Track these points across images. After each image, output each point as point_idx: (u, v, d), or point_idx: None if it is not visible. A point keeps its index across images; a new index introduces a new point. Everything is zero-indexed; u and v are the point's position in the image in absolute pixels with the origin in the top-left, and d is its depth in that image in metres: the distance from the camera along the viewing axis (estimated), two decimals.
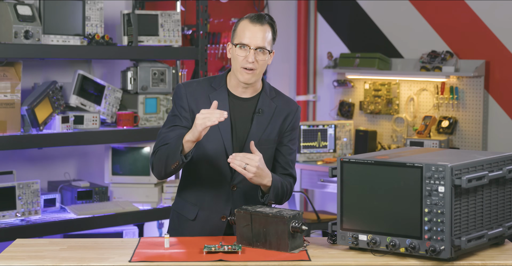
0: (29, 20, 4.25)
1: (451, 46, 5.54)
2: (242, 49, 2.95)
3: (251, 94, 3.05)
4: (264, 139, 3.02)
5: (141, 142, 4.81)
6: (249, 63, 2.93)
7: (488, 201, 2.77)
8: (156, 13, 4.85)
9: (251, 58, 2.93)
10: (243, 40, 2.95)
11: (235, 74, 2.99)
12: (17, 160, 4.70)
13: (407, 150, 3.01)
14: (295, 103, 3.14)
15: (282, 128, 3.07)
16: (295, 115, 3.11)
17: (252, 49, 2.94)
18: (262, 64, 2.97)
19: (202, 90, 3.04)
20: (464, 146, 5.41)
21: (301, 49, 6.34)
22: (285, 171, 3.11)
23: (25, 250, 2.81)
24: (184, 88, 3.04)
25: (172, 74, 4.95)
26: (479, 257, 2.69)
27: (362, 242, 2.73)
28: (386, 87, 5.82)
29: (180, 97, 3.04)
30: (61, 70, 4.88)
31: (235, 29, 3.01)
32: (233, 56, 2.98)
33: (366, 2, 6.02)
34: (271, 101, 3.06)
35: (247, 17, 2.99)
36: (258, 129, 3.02)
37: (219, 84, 3.05)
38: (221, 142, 2.98)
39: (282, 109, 3.08)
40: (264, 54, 2.97)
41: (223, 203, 3.03)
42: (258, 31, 2.96)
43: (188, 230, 3.07)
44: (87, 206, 4.56)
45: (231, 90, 3.05)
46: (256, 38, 2.95)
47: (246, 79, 2.96)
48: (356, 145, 5.82)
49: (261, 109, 3.03)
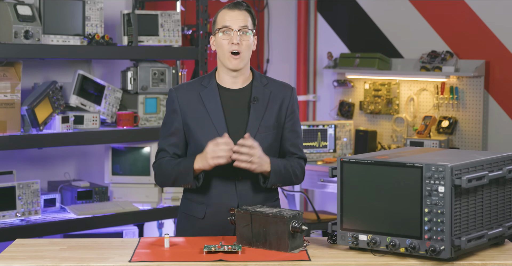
0: (29, 20, 4.25)
1: (451, 46, 5.54)
2: (225, 34, 3.00)
3: (243, 85, 3.08)
4: (263, 126, 3.04)
5: (141, 142, 4.81)
6: (235, 45, 2.98)
7: (488, 201, 2.77)
8: (156, 13, 4.85)
9: (235, 40, 2.98)
10: (225, 23, 3.00)
11: (223, 62, 3.03)
12: (17, 160, 4.70)
13: (407, 150, 3.01)
14: (289, 86, 3.15)
15: (281, 113, 3.09)
16: (291, 97, 3.12)
17: (235, 31, 2.99)
18: (247, 47, 3.01)
19: (192, 90, 3.08)
20: (464, 146, 5.41)
21: (301, 49, 6.34)
22: (294, 155, 3.12)
23: (25, 250, 2.81)
24: (174, 92, 3.09)
25: (172, 74, 4.95)
26: (479, 257, 2.69)
27: (362, 242, 2.73)
28: (386, 87, 5.82)
29: (172, 101, 3.09)
30: (61, 70, 4.88)
31: (215, 20, 3.07)
32: (218, 45, 3.03)
33: (366, 2, 6.02)
34: (264, 88, 3.09)
35: (225, 7, 3.06)
36: (256, 117, 3.04)
37: (209, 81, 3.09)
38: (217, 136, 2.99)
39: (277, 94, 3.10)
40: (248, 36, 3.01)
41: (230, 195, 3.04)
42: (238, 15, 3.02)
43: (198, 229, 3.07)
44: (87, 206, 4.56)
45: (221, 84, 3.08)
46: (237, 20, 3.00)
47: (235, 65, 3.01)
48: (356, 145, 5.82)
49: (256, 97, 3.06)
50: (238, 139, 2.96)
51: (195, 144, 3.03)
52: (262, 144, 3.00)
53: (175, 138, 3.07)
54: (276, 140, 3.09)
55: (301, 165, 3.12)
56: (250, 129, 3.02)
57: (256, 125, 3.03)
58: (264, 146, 3.00)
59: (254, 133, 3.02)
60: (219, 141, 2.88)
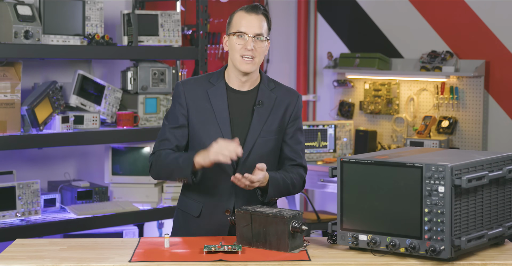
0: (29, 20, 4.25)
1: (451, 46, 5.54)
2: (239, 38, 2.98)
3: (250, 87, 3.07)
4: (265, 130, 3.03)
5: (141, 142, 4.81)
6: (248, 51, 2.96)
7: (488, 201, 2.77)
8: (156, 13, 4.85)
9: (249, 46, 2.96)
10: (240, 28, 2.98)
11: (234, 64, 3.01)
12: (17, 160, 4.70)
13: (407, 150, 3.01)
14: (295, 92, 3.14)
15: (285, 118, 3.08)
16: (297, 104, 3.11)
17: (250, 37, 2.97)
18: (260, 53, 3.00)
19: (200, 87, 3.06)
20: (464, 146, 5.41)
21: (301, 49, 6.34)
22: (293, 161, 3.10)
23: (25, 250, 2.81)
24: (182, 86, 3.07)
25: (172, 74, 4.95)
26: (479, 257, 2.69)
27: (362, 242, 2.73)
28: (386, 87, 5.82)
29: (178, 95, 3.07)
30: (61, 70, 4.88)
31: (230, 21, 3.04)
32: (231, 47, 3.01)
33: (366, 2, 6.02)
34: (270, 93, 3.07)
35: (242, 9, 3.03)
36: (259, 121, 3.03)
37: (217, 80, 3.07)
38: (220, 136, 2.98)
39: (283, 100, 3.08)
40: (262, 42, 2.99)
41: (226, 197, 3.04)
42: (254, 20, 2.99)
43: (193, 227, 3.07)
44: (87, 206, 4.56)
45: (230, 84, 3.07)
46: (253, 26, 2.98)
47: (247, 68, 2.99)
48: (356, 145, 5.82)
49: (261, 101, 3.04)
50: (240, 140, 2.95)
51: (197, 141, 3.03)
52: (263, 148, 3.00)
53: (178, 130, 3.04)
54: (278, 145, 3.08)
55: (301, 175, 3.10)
56: (252, 132, 3.01)
57: (258, 129, 3.02)
58: (265, 151, 3.00)
59: (255, 137, 3.01)
60: (230, 142, 2.87)
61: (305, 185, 3.15)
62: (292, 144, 3.10)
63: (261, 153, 3.02)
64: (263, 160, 2.97)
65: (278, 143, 3.08)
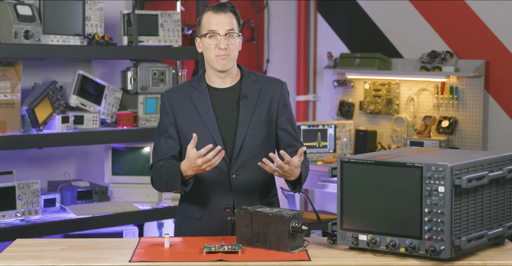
0: (29, 20, 4.25)
1: (451, 46, 5.54)
2: (212, 38, 3.02)
3: (232, 83, 3.10)
4: (254, 122, 3.06)
5: (141, 142, 4.81)
6: (222, 50, 3.00)
7: (488, 201, 2.77)
8: (156, 13, 4.85)
9: (222, 45, 3.00)
10: (211, 28, 3.02)
11: (211, 64, 3.05)
12: (17, 160, 4.70)
13: (407, 150, 3.01)
14: (279, 81, 3.17)
15: (272, 108, 3.10)
16: (282, 92, 3.14)
17: (222, 36, 3.00)
18: (233, 49, 3.03)
19: (183, 93, 3.11)
20: (464, 146, 5.41)
21: (301, 49, 6.34)
22: (293, 147, 3.12)
23: (25, 250, 2.82)
24: (166, 96, 3.13)
25: (172, 74, 4.96)
26: (479, 257, 2.69)
27: (362, 242, 2.73)
28: (386, 87, 5.82)
29: (164, 105, 3.13)
30: (61, 70, 4.88)
31: (199, 23, 3.08)
32: (205, 48, 3.05)
33: (366, 2, 6.02)
34: (254, 85, 3.10)
35: (210, 9, 3.08)
36: (247, 114, 3.05)
37: (198, 83, 3.12)
38: (209, 136, 3.03)
39: (267, 90, 3.11)
40: (234, 39, 3.03)
41: (225, 193, 3.05)
42: (223, 18, 3.03)
43: (195, 228, 3.08)
44: (87, 206, 4.56)
45: (211, 84, 3.10)
46: (223, 24, 3.02)
47: (223, 65, 3.02)
48: (356, 145, 5.82)
49: (244, 94, 3.08)
50: (230, 136, 3.00)
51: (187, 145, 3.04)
52: (254, 139, 3.03)
53: (170, 139, 3.09)
54: (269, 135, 3.10)
55: (307, 160, 3.14)
56: (240, 126, 3.04)
57: (246, 122, 3.05)
58: (257, 142, 3.04)
59: (245, 130, 3.04)
60: (189, 155, 2.85)
61: None
62: (288, 130, 3.13)
63: (252, 145, 3.05)
64: (256, 151, 3.02)
65: (269, 133, 3.10)
